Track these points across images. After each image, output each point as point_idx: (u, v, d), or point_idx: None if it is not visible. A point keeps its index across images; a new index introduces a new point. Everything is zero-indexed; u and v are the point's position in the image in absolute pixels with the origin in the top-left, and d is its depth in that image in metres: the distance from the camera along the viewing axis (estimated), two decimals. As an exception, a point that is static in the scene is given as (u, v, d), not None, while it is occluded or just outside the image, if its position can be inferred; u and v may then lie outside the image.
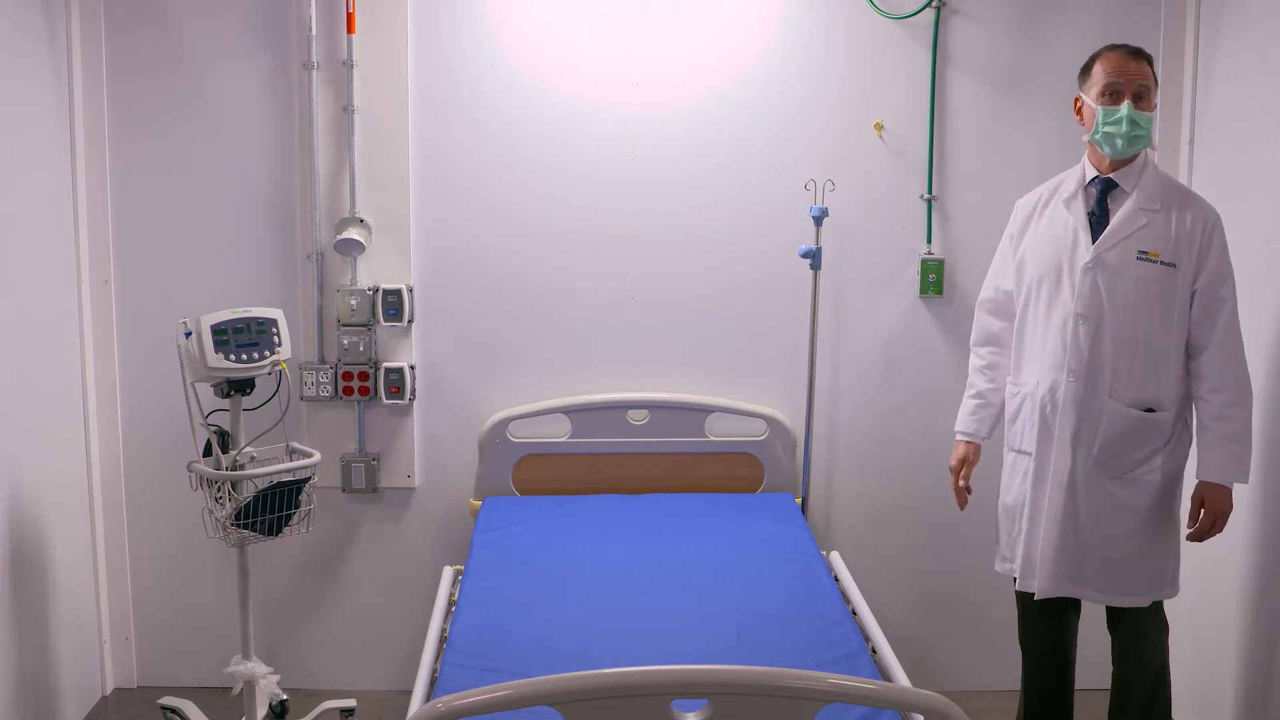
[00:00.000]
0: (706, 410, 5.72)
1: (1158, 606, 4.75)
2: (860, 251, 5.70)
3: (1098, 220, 4.59)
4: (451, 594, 5.00)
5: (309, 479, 4.92)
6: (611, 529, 5.22)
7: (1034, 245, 4.69)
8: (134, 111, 5.51)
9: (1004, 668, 5.53)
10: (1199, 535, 4.53)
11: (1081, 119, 4.63)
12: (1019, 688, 5.06)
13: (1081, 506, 4.60)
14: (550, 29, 5.54)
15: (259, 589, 5.42)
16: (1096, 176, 4.62)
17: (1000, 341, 4.89)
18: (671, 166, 5.63)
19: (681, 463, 5.70)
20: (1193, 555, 5.18)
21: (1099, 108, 4.52)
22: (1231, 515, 4.88)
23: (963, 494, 4.87)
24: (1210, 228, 4.54)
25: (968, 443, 4.93)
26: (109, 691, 5.78)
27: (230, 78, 5.49)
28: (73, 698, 5.49)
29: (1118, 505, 4.59)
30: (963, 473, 4.88)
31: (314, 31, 5.43)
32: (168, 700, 5.37)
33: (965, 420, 4.96)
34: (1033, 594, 4.72)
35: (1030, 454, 4.67)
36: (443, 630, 4.62)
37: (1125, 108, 4.47)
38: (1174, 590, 4.70)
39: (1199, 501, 4.50)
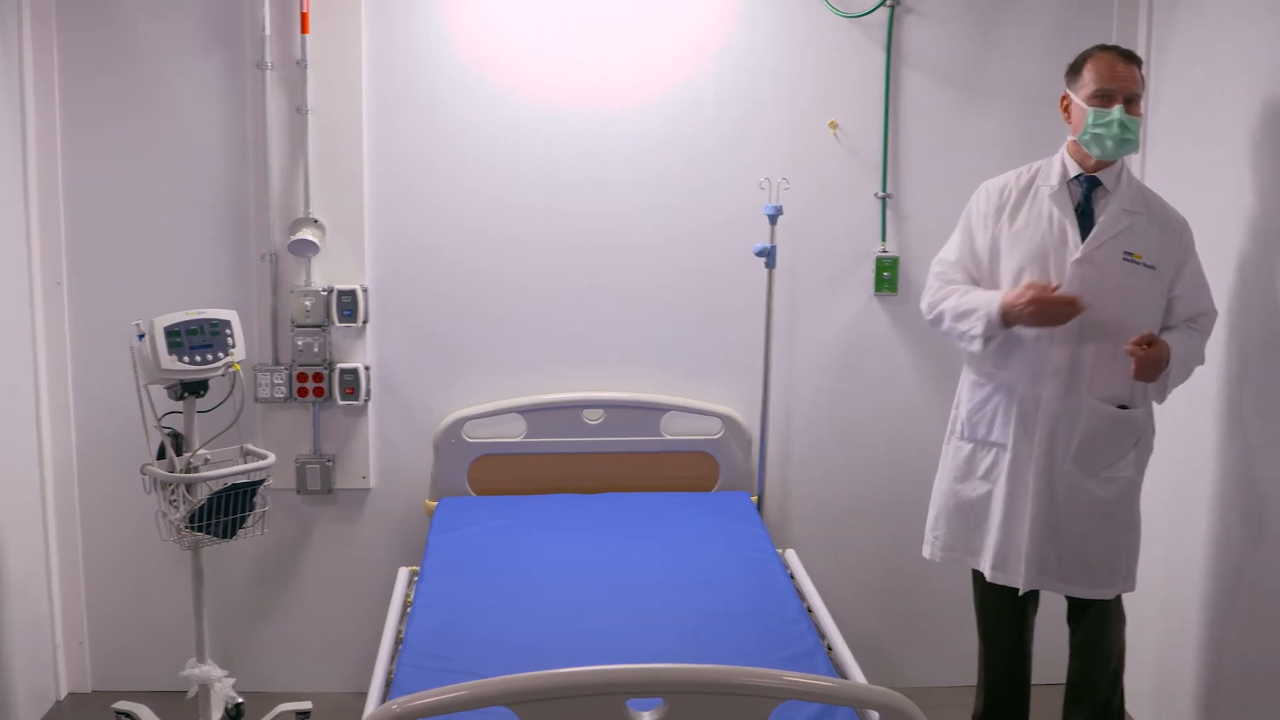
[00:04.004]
0: (662, 409, 5.72)
1: (1118, 599, 4.80)
2: (815, 250, 5.71)
3: (1083, 217, 4.60)
4: (407, 595, 4.99)
5: (263, 481, 4.90)
6: (567, 529, 5.22)
7: (1014, 235, 4.67)
8: (86, 112, 5.48)
9: (961, 663, 5.53)
10: (1139, 344, 4.44)
11: (1068, 118, 4.64)
12: (976, 683, 5.08)
13: (1060, 502, 4.62)
14: (505, 30, 5.53)
15: (214, 592, 5.39)
16: (1080, 174, 4.63)
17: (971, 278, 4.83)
18: (626, 167, 5.63)
19: (637, 462, 5.70)
20: (1155, 555, 5.21)
21: (1090, 109, 4.53)
22: (1192, 518, 4.94)
23: (1071, 299, 4.49)
24: (1186, 236, 4.63)
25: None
26: (63, 696, 5.75)
27: (183, 78, 5.46)
28: (26, 703, 5.46)
29: (1093, 501, 4.62)
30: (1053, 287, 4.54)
31: (268, 32, 5.40)
32: (122, 705, 5.34)
33: (987, 296, 4.68)
34: (997, 587, 4.74)
35: (1002, 446, 4.68)
36: (398, 631, 4.62)
37: (1117, 111, 4.48)
38: (1134, 583, 4.74)
39: (1151, 338, 4.44)
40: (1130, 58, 4.57)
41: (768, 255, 5.55)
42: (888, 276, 5.71)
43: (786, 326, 5.74)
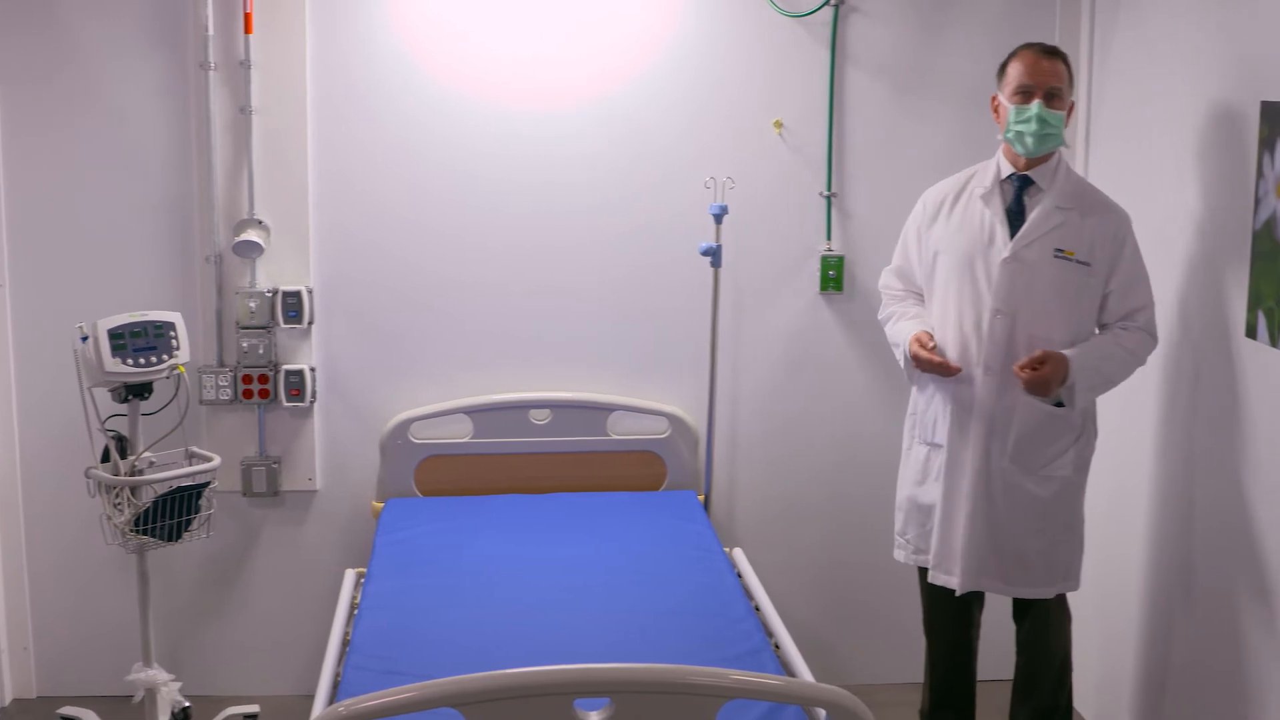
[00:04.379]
0: (608, 409, 5.72)
1: (1062, 597, 4.82)
2: (761, 249, 5.72)
3: (1014, 216, 4.62)
4: (354, 597, 4.98)
5: (209, 483, 4.89)
6: (514, 529, 5.22)
7: (947, 237, 4.72)
8: (26, 114, 5.44)
9: (908, 661, 5.56)
10: (1024, 368, 4.48)
11: (998, 117, 4.67)
12: (923, 680, 5.10)
13: (998, 502, 4.63)
14: (451, 28, 5.52)
15: (160, 595, 5.36)
16: (1013, 173, 4.65)
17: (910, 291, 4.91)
18: (572, 166, 5.63)
19: (584, 462, 5.70)
20: (1097, 555, 5.24)
21: (1011, 106, 4.57)
22: (1133, 516, 4.97)
23: (945, 363, 4.63)
24: (1123, 230, 4.62)
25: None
26: (7, 703, 5.71)
27: (125, 79, 5.43)
28: (-29, 708, 5.44)
29: (1031, 499, 4.63)
30: (930, 347, 4.66)
31: (211, 31, 5.38)
32: (68, 710, 5.32)
33: (911, 325, 4.79)
34: (941, 586, 4.76)
35: (943, 446, 4.70)
36: (345, 633, 4.61)
37: (1035, 106, 4.51)
38: (1077, 582, 4.76)
39: (1044, 357, 4.47)
40: (1052, 53, 4.60)
41: (713, 254, 5.56)
42: (833, 275, 5.72)
43: (732, 326, 5.76)
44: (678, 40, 5.60)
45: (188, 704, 5.16)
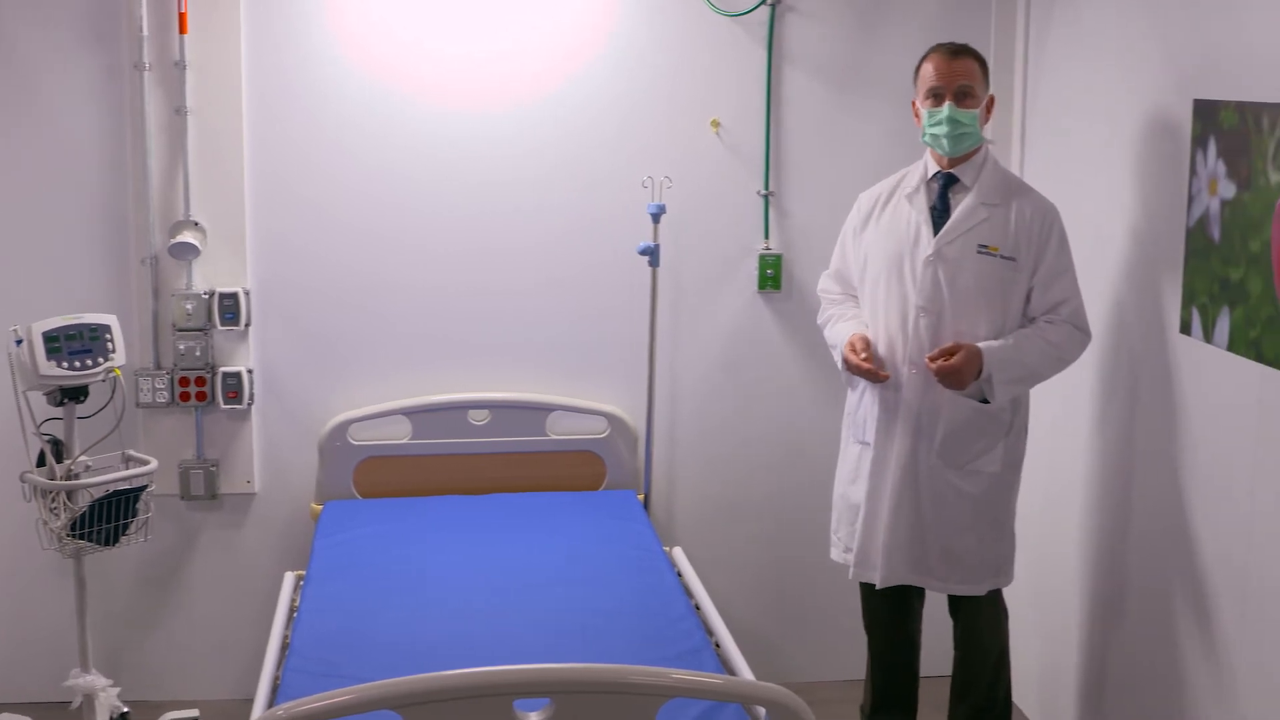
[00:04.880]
0: (547, 409, 5.72)
1: (996, 593, 4.83)
2: (698, 248, 5.73)
3: (939, 215, 4.64)
4: (294, 599, 4.95)
5: (146, 487, 4.86)
6: (454, 530, 5.21)
7: (876, 239, 4.74)
8: (-41, 116, 5.41)
9: (849, 657, 5.58)
10: (937, 359, 4.50)
11: (919, 121, 4.69)
12: (864, 677, 5.11)
13: (924, 497, 4.65)
14: (387, 28, 5.50)
15: (97, 600, 5.33)
16: (938, 172, 4.68)
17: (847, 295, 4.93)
18: (509, 166, 5.62)
19: (523, 462, 5.70)
20: (1033, 552, 5.27)
21: (924, 110, 4.60)
22: (1071, 512, 5.00)
23: (872, 371, 4.64)
24: (1048, 223, 4.62)
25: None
26: (-56, 708, 5.68)
27: (59, 79, 5.39)
28: (-94, 716, 5.39)
29: (959, 495, 4.65)
30: (864, 355, 4.66)
31: (145, 32, 5.34)
32: (5, 717, 5.27)
33: (848, 326, 4.82)
34: (872, 583, 4.77)
35: (871, 444, 4.71)
36: (285, 636, 4.59)
37: (946, 109, 4.55)
38: (1009, 578, 4.78)
39: (955, 348, 4.50)
40: (961, 52, 4.64)
41: (651, 254, 5.56)
42: (771, 274, 5.74)
43: (670, 325, 5.76)
44: (614, 40, 5.61)
45: (126, 709, 5.14)
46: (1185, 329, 4.40)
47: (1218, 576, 4.26)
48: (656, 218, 5.55)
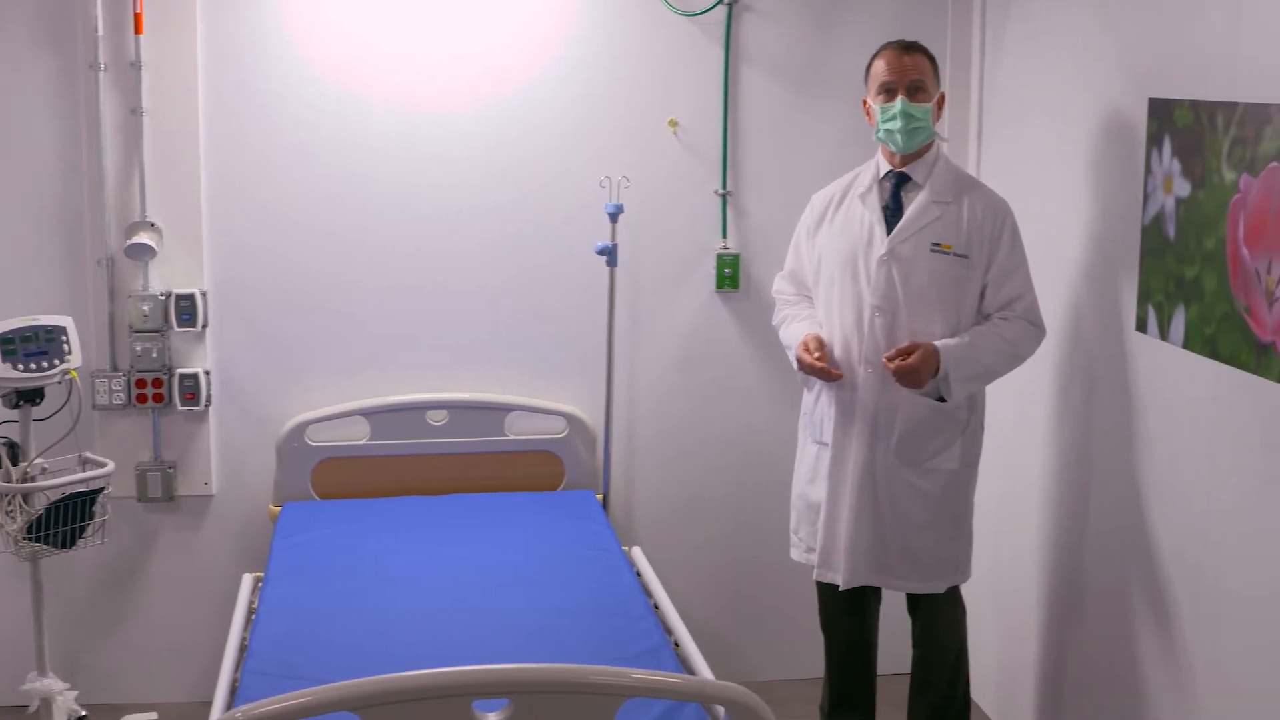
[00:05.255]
0: (506, 409, 5.71)
1: (954, 590, 4.84)
2: (656, 248, 5.74)
3: (892, 214, 4.65)
4: (252, 601, 4.94)
5: (103, 489, 4.84)
6: (413, 531, 5.20)
7: (830, 240, 4.75)
8: (-88, 116, 5.38)
9: (808, 656, 5.58)
10: (895, 358, 4.50)
11: (870, 119, 4.71)
12: (823, 676, 5.12)
13: (882, 496, 4.66)
14: (344, 29, 5.49)
15: (55, 603, 5.31)
16: (890, 171, 4.69)
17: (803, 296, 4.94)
18: (467, 167, 5.62)
19: (482, 462, 5.69)
20: (991, 551, 5.29)
21: (877, 106, 4.61)
22: (1029, 510, 5.02)
23: (825, 369, 4.64)
24: (1000, 220, 4.64)
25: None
26: (-101, 713, 5.65)
27: (13, 80, 5.36)
28: None
29: (917, 494, 4.66)
30: (817, 354, 4.65)
31: (100, 32, 5.32)
32: (-39, 719, 5.26)
33: (803, 327, 4.82)
34: (832, 583, 4.78)
35: (829, 444, 4.72)
36: (243, 638, 4.57)
37: (899, 103, 4.56)
38: (967, 575, 4.80)
39: (912, 347, 4.50)
40: (912, 48, 4.66)
41: (609, 254, 5.56)
42: (729, 273, 5.75)
43: (629, 325, 5.76)
44: (572, 40, 5.61)
45: (84, 713, 5.11)
46: (1141, 327, 4.42)
47: (1174, 573, 4.28)
48: (614, 217, 5.55)
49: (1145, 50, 4.44)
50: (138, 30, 5.35)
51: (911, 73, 4.60)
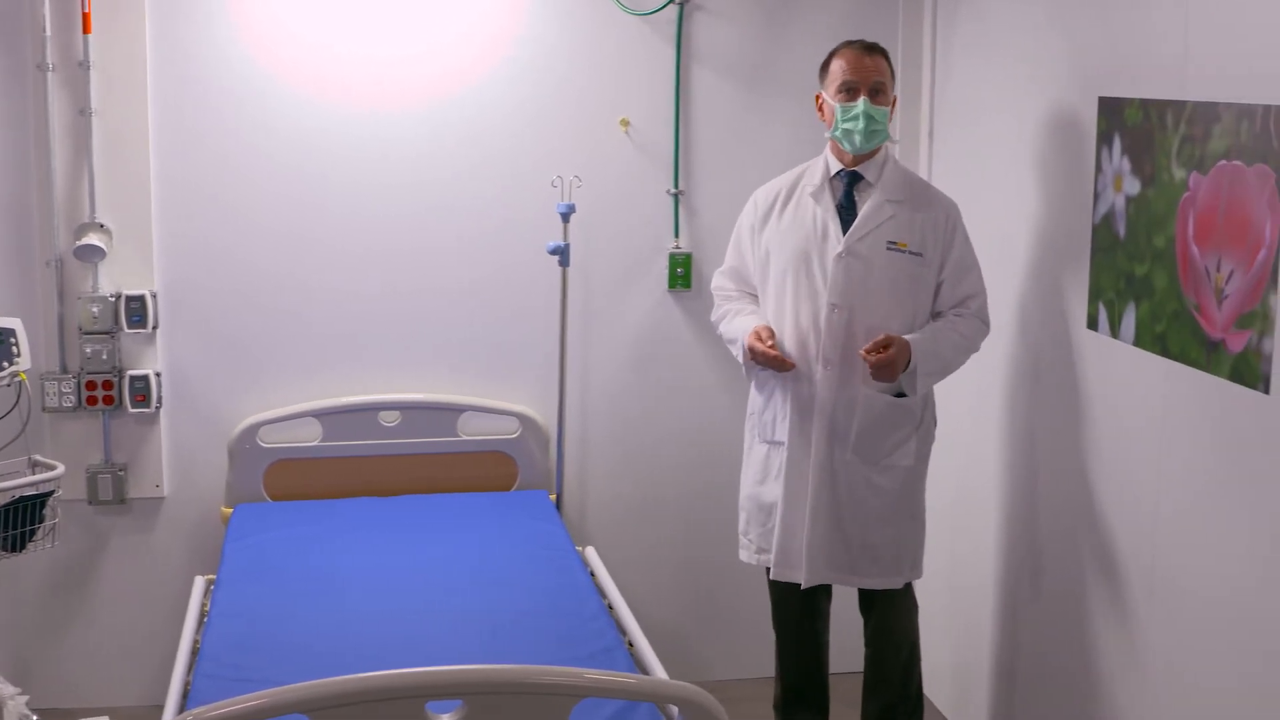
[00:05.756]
0: (458, 409, 5.70)
1: (908, 586, 4.87)
2: (609, 247, 5.74)
3: (845, 212, 4.66)
4: (204, 604, 4.91)
5: (53, 492, 4.81)
6: (366, 532, 5.18)
7: (779, 237, 4.75)
8: None
9: (761, 655, 5.58)
10: (872, 351, 4.51)
11: (823, 116, 4.71)
12: (776, 674, 5.13)
13: (842, 495, 4.67)
14: (294, 28, 5.47)
15: (4, 606, 5.29)
16: (841, 170, 4.70)
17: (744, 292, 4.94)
18: (419, 166, 5.61)
19: (435, 463, 5.68)
20: (946, 547, 5.31)
21: (837, 105, 4.61)
22: (981, 507, 5.04)
23: (779, 358, 4.65)
24: (952, 220, 4.68)
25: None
26: None
27: (-40, 81, 5.35)
28: None
29: (875, 491, 4.68)
30: (769, 343, 4.66)
31: (48, 32, 5.29)
32: (-90, 725, 5.22)
33: (748, 320, 4.82)
34: (786, 582, 4.79)
35: (784, 444, 4.72)
36: (195, 641, 4.55)
37: (861, 104, 4.56)
38: (920, 571, 4.82)
39: (888, 341, 4.51)
40: (873, 49, 4.67)
41: (561, 253, 5.56)
42: (681, 273, 5.75)
43: (581, 324, 5.76)
44: (524, 39, 5.60)
45: (35, 717, 5.06)
46: (1092, 324, 4.43)
47: (1125, 569, 4.30)
48: (566, 217, 5.55)
49: (1095, 49, 4.46)
50: (86, 30, 5.32)
51: (874, 74, 4.60)
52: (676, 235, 5.76)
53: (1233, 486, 3.76)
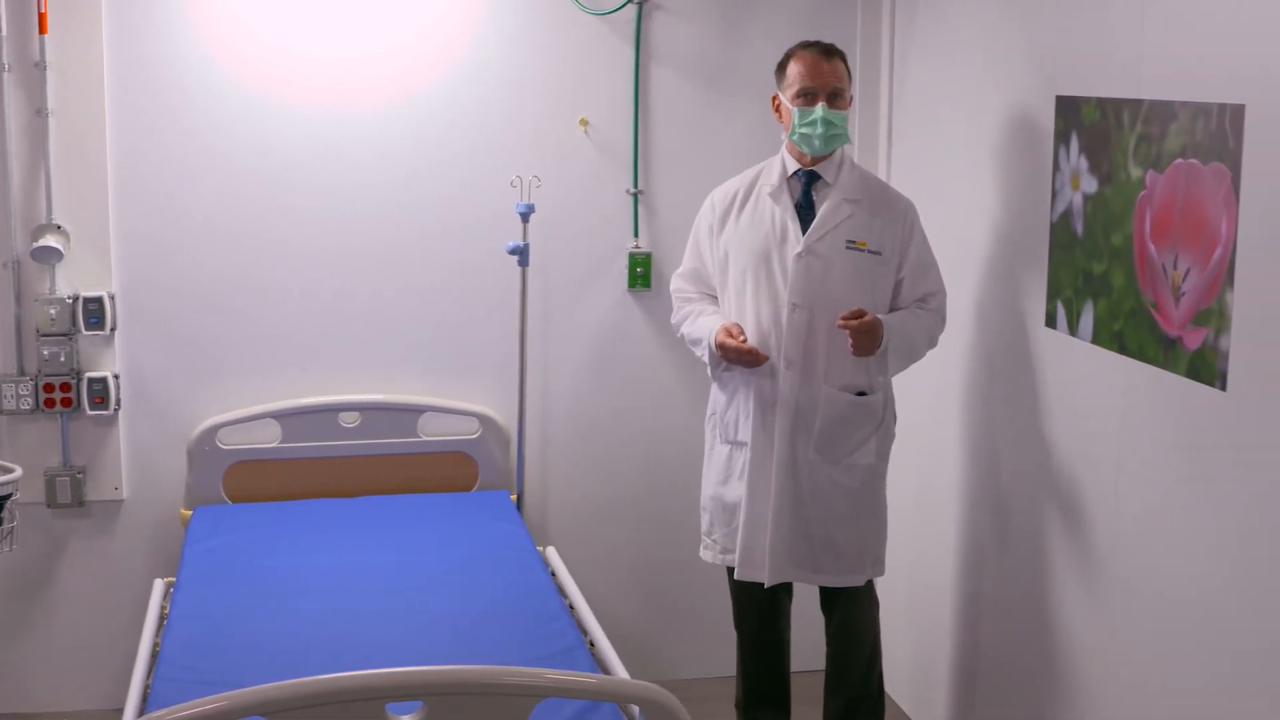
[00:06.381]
0: (418, 410, 5.69)
1: (870, 584, 4.88)
2: (569, 247, 5.74)
3: (804, 211, 4.67)
4: (163, 607, 4.89)
5: (11, 495, 4.78)
6: (326, 534, 5.17)
7: (738, 237, 4.75)
8: None
9: (723, 654, 5.58)
10: (849, 318, 4.51)
11: (780, 118, 4.72)
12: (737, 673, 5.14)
13: (805, 493, 4.68)
14: (252, 29, 5.45)
15: (-38, 610, 5.27)
16: (799, 169, 4.70)
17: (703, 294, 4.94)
18: (379, 167, 5.60)
19: (395, 464, 5.67)
20: (908, 546, 5.32)
21: (795, 109, 4.62)
22: (942, 505, 5.05)
23: (753, 351, 4.63)
24: (910, 219, 4.71)
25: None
26: None
27: (-85, 83, 5.32)
28: None
29: (838, 489, 4.69)
30: (740, 338, 4.65)
31: (4, 32, 5.26)
32: None
33: (713, 319, 4.80)
34: (748, 581, 4.79)
35: (746, 444, 4.73)
36: (155, 644, 4.53)
37: (820, 109, 4.57)
38: (883, 568, 4.83)
39: (861, 310, 4.52)
40: (831, 52, 4.67)
41: (520, 253, 5.55)
42: (641, 272, 5.75)
43: (541, 324, 5.76)
44: (482, 39, 5.60)
45: (-7, 721, 5.07)
46: (1050, 322, 4.45)
47: (1085, 565, 4.32)
48: (526, 217, 5.54)
49: (1052, 49, 4.48)
50: (42, 30, 5.29)
51: (832, 79, 4.61)
52: (636, 235, 5.76)
53: (1191, 483, 3.78)
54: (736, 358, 4.65)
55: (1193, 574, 3.78)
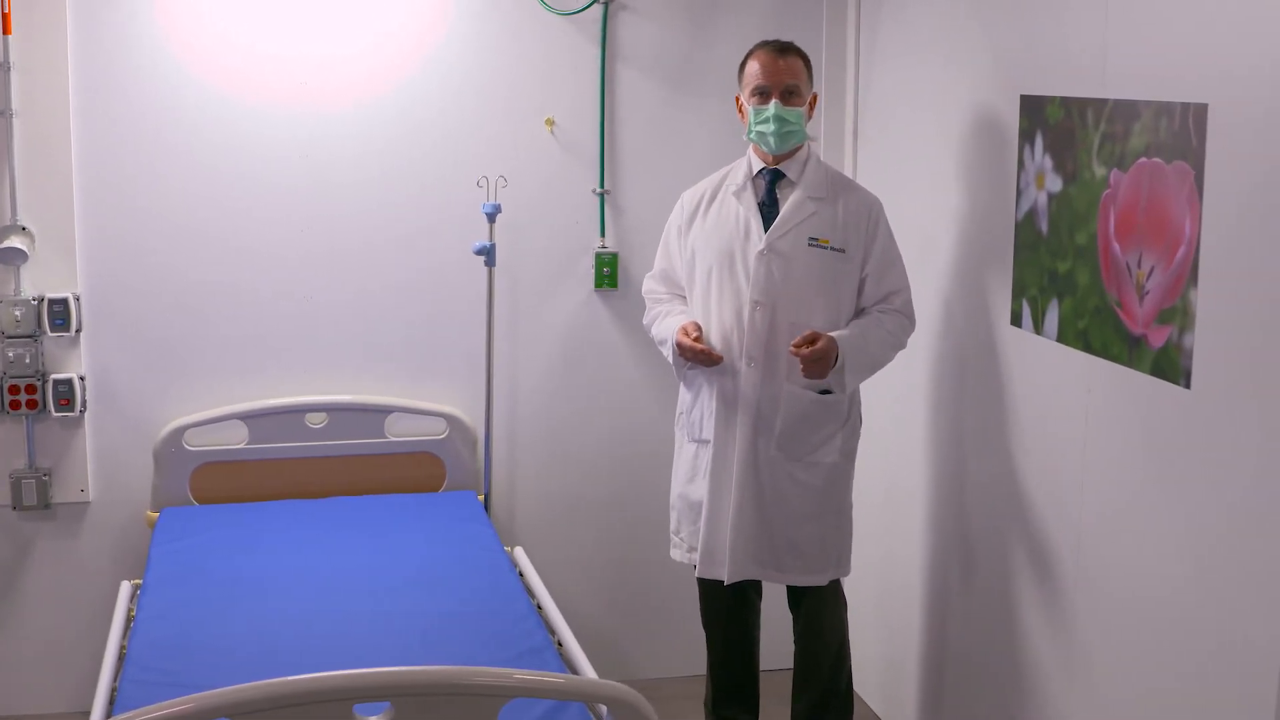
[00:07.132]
0: (385, 410, 5.69)
1: (836, 583, 4.89)
2: (535, 247, 5.74)
3: (768, 210, 4.68)
4: (130, 609, 4.87)
5: (-25, 497, 4.78)
6: (293, 534, 5.16)
7: (704, 237, 4.76)
8: None
9: (692, 654, 5.59)
10: (801, 346, 4.50)
11: (743, 117, 4.73)
12: (706, 672, 5.14)
13: (766, 491, 4.69)
14: (217, 28, 5.44)
15: (-73, 613, 5.25)
16: (764, 168, 4.72)
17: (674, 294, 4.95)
18: (346, 168, 5.59)
19: (363, 464, 5.66)
20: (876, 545, 5.33)
21: (750, 108, 4.64)
22: (909, 505, 5.06)
23: (706, 351, 4.64)
24: (875, 216, 4.71)
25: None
26: None
27: (-122, 84, 5.30)
28: None
29: (800, 487, 4.69)
30: (695, 337, 4.67)
31: (-33, 35, 5.26)
32: None
33: (676, 319, 4.82)
34: (710, 579, 4.80)
35: (710, 442, 4.73)
36: (121, 646, 4.52)
37: (773, 107, 4.59)
38: (848, 568, 4.84)
39: (817, 338, 4.50)
40: (787, 50, 4.69)
41: (487, 254, 5.55)
42: (607, 272, 5.76)
43: (508, 324, 5.76)
44: (448, 40, 5.59)
45: (-41, 724, 5.05)
46: (1016, 321, 4.47)
47: (1051, 563, 4.34)
48: (492, 217, 5.54)
49: (1017, 48, 4.50)
50: (6, 30, 5.27)
51: (786, 77, 4.62)
52: (603, 234, 5.77)
53: (1156, 481, 3.80)
54: (693, 357, 4.67)
55: (1158, 571, 3.80)
